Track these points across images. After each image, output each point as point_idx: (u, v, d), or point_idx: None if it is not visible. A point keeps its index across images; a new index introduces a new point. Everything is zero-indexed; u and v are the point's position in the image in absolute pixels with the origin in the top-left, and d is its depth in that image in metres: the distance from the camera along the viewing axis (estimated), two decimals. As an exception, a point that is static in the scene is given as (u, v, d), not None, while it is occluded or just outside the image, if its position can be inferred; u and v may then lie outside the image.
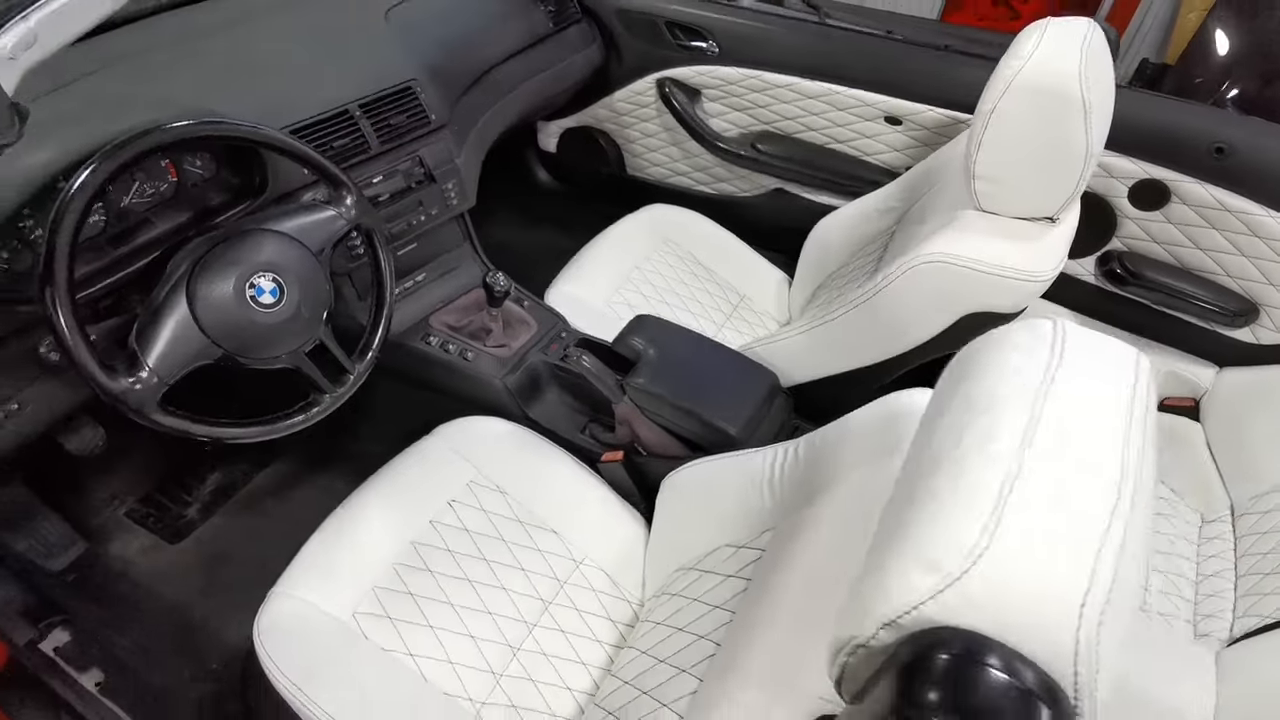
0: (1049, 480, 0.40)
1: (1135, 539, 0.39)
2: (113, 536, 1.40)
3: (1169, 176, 1.27)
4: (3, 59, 0.38)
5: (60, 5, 0.41)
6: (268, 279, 0.88)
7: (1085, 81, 0.87)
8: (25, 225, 0.86)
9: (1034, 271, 0.96)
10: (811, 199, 1.70)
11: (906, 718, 0.36)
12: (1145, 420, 0.44)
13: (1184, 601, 1.19)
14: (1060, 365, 0.46)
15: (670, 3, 1.63)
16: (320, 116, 1.13)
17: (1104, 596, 0.36)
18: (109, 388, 0.79)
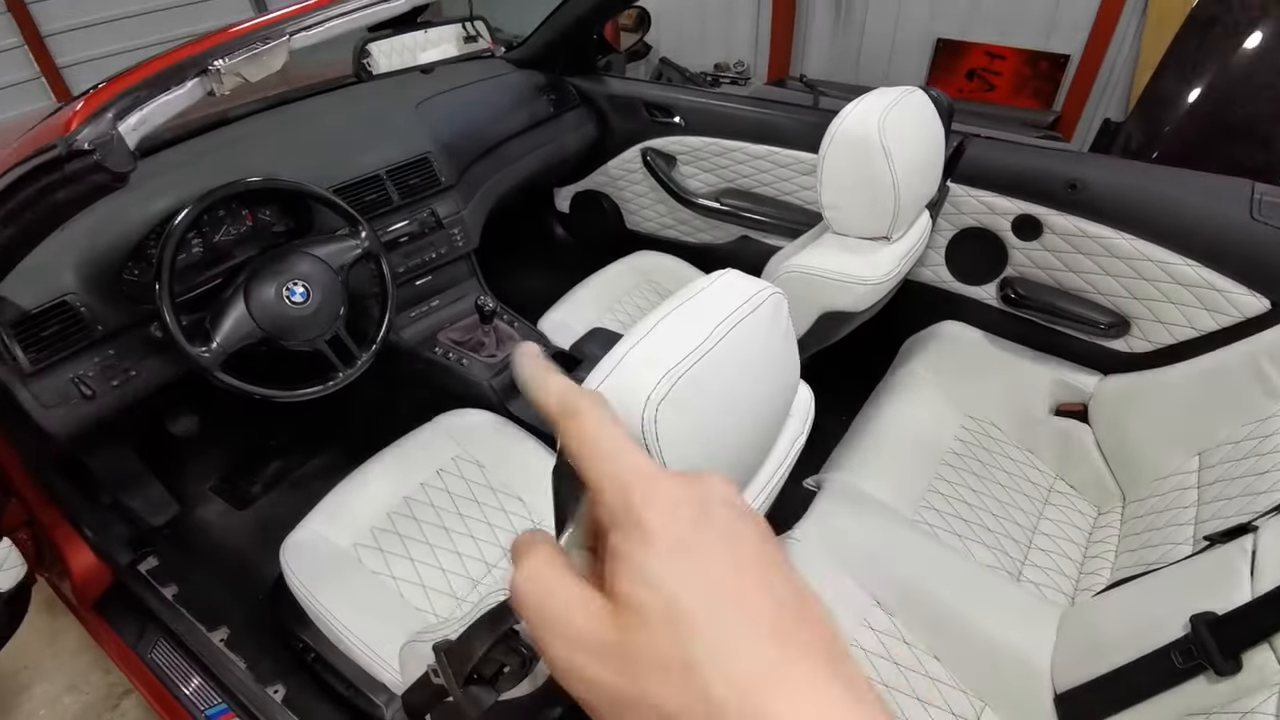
0: (654, 346, 0.68)
1: (708, 373, 0.67)
2: (198, 503, 1.80)
3: (1039, 211, 1.50)
4: (128, 130, 0.76)
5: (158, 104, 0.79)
6: (300, 285, 1.27)
7: (884, 132, 1.15)
8: (150, 251, 1.29)
9: (865, 277, 1.22)
10: (770, 242, 1.99)
11: (562, 459, 0.65)
12: (742, 320, 0.71)
13: (1064, 578, 1.35)
14: (702, 292, 0.74)
15: (647, 88, 2.02)
16: (358, 179, 1.55)
17: (659, 397, 0.64)
18: (190, 353, 1.18)
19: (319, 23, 0.95)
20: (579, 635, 0.26)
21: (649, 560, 0.25)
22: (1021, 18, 3.10)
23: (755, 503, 0.83)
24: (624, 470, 0.27)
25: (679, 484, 0.27)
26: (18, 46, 3.15)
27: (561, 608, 0.26)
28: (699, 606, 0.24)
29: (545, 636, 0.26)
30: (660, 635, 0.24)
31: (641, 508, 0.26)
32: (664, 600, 0.24)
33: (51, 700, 1.67)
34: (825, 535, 1.28)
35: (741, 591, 0.24)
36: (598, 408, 0.29)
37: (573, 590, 0.27)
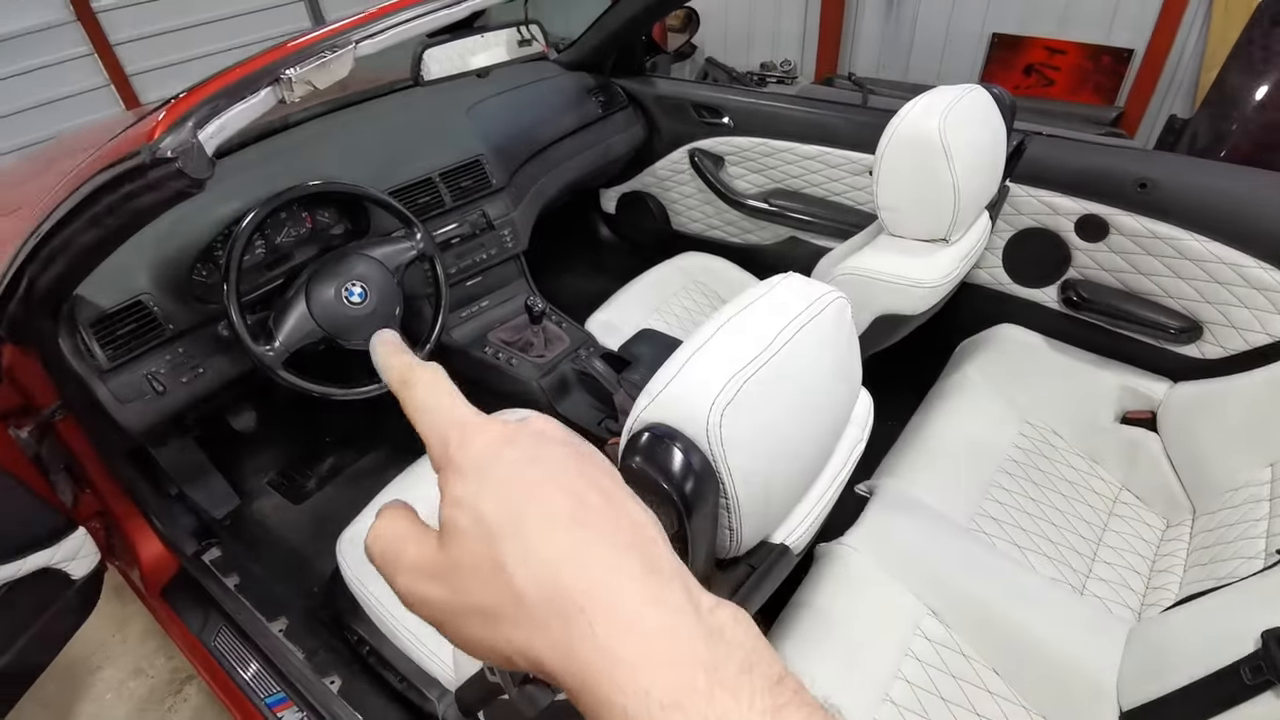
0: (719, 350, 0.68)
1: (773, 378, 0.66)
2: (257, 497, 1.86)
3: (1105, 211, 1.45)
4: (207, 138, 0.79)
5: (235, 112, 0.82)
6: (358, 286, 1.30)
7: (944, 132, 1.13)
8: (216, 253, 1.34)
9: (923, 280, 1.20)
10: (819, 243, 1.96)
11: (628, 463, 0.65)
12: (807, 324, 0.70)
13: (1130, 592, 1.30)
14: (764, 296, 0.74)
15: (695, 89, 2.02)
16: (412, 182, 1.58)
17: (724, 402, 0.64)
18: (255, 351, 1.22)
19: (382, 30, 0.97)
20: (412, 563, 0.29)
21: (460, 486, 0.28)
22: (1083, 11, 3.00)
23: (815, 508, 0.82)
24: (445, 421, 0.30)
25: (493, 427, 0.30)
26: (88, 55, 3.29)
27: (397, 545, 0.30)
28: (503, 514, 0.27)
29: (389, 573, 0.30)
30: (473, 545, 0.27)
31: (456, 448, 0.29)
32: (473, 515, 0.27)
33: (118, 684, 1.74)
34: (878, 542, 1.25)
35: (540, 497, 0.27)
36: (431, 375, 0.32)
37: (408, 530, 0.30)
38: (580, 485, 0.28)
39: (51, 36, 3.16)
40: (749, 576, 0.73)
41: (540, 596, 0.25)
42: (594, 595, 0.25)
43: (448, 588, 0.27)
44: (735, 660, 0.24)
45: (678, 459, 0.62)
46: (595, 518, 0.27)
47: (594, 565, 0.25)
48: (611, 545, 0.26)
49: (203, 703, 1.68)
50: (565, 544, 0.26)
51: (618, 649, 0.24)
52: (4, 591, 1.15)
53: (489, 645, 0.27)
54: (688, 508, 0.61)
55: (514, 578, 0.25)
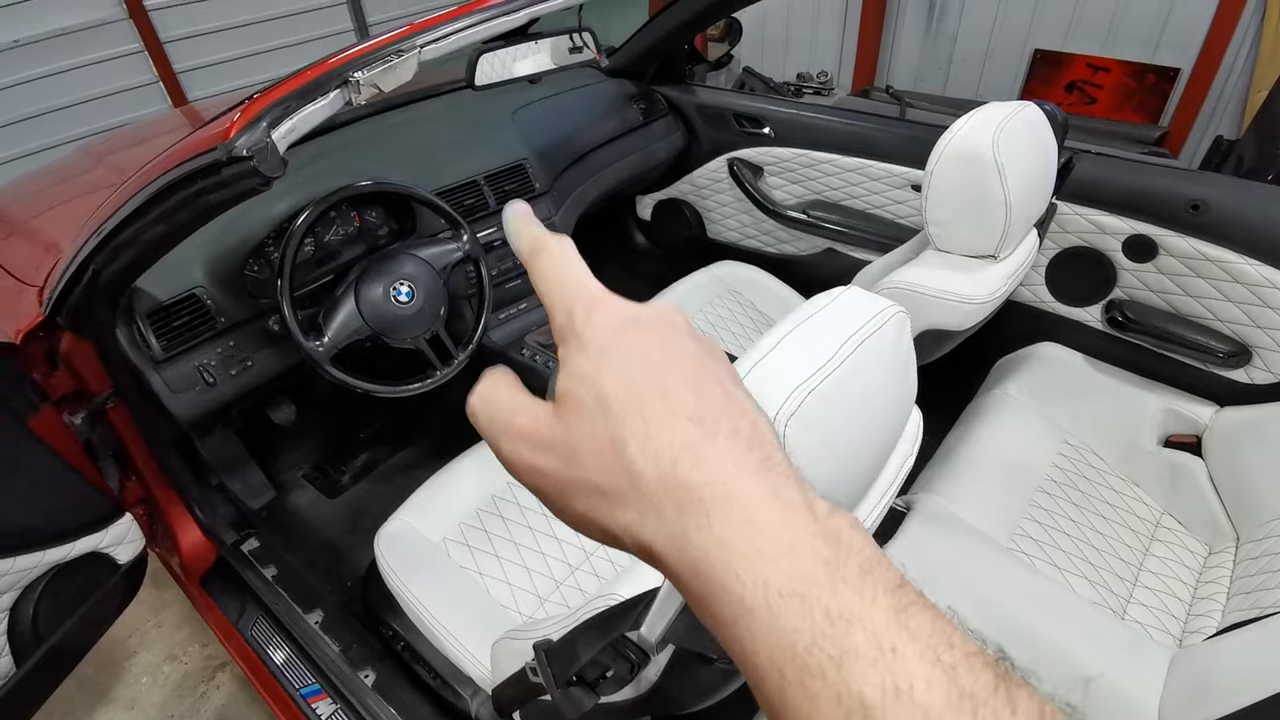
0: (782, 361, 0.68)
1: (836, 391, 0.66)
2: (292, 489, 1.88)
3: (1154, 231, 1.43)
4: (279, 138, 0.81)
5: (305, 113, 0.84)
6: (405, 285, 1.32)
7: (998, 148, 1.12)
8: (269, 249, 1.36)
9: (970, 296, 1.19)
10: (857, 256, 1.96)
11: None
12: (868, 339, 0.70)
13: (1171, 618, 1.29)
14: (825, 309, 0.74)
15: (737, 99, 2.02)
16: (458, 183, 1.60)
17: (789, 413, 0.64)
18: (304, 346, 1.24)
19: (445, 36, 0.99)
20: (523, 432, 0.29)
21: (582, 361, 0.28)
22: (1128, 29, 2.96)
23: (865, 523, 0.82)
24: (573, 294, 0.30)
25: (621, 305, 0.29)
26: (139, 51, 3.37)
27: (508, 412, 0.30)
28: (625, 394, 0.26)
29: (496, 438, 0.30)
30: (591, 421, 0.27)
31: (582, 322, 0.29)
32: (593, 391, 0.27)
33: (153, 668, 1.77)
34: (915, 558, 1.25)
35: (665, 384, 0.27)
36: (560, 246, 0.32)
37: (519, 398, 0.30)
38: (704, 378, 0.28)
39: (104, 33, 3.25)
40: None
41: (657, 481, 0.25)
42: (712, 486, 0.25)
43: (560, 460, 0.27)
44: (854, 560, 0.24)
45: (740, 468, 0.62)
46: (716, 412, 0.26)
47: (713, 458, 0.25)
48: (730, 440, 0.26)
49: (235, 690, 1.71)
50: (686, 433, 0.26)
51: (734, 539, 0.24)
52: (54, 574, 1.18)
53: (594, 521, 0.27)
54: (750, 517, 0.61)
55: (633, 459, 0.26)
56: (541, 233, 0.32)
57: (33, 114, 3.18)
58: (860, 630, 0.22)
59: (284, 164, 0.80)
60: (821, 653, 0.22)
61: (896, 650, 0.22)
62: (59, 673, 1.27)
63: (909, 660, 0.22)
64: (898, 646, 0.22)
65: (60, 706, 1.69)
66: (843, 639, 0.22)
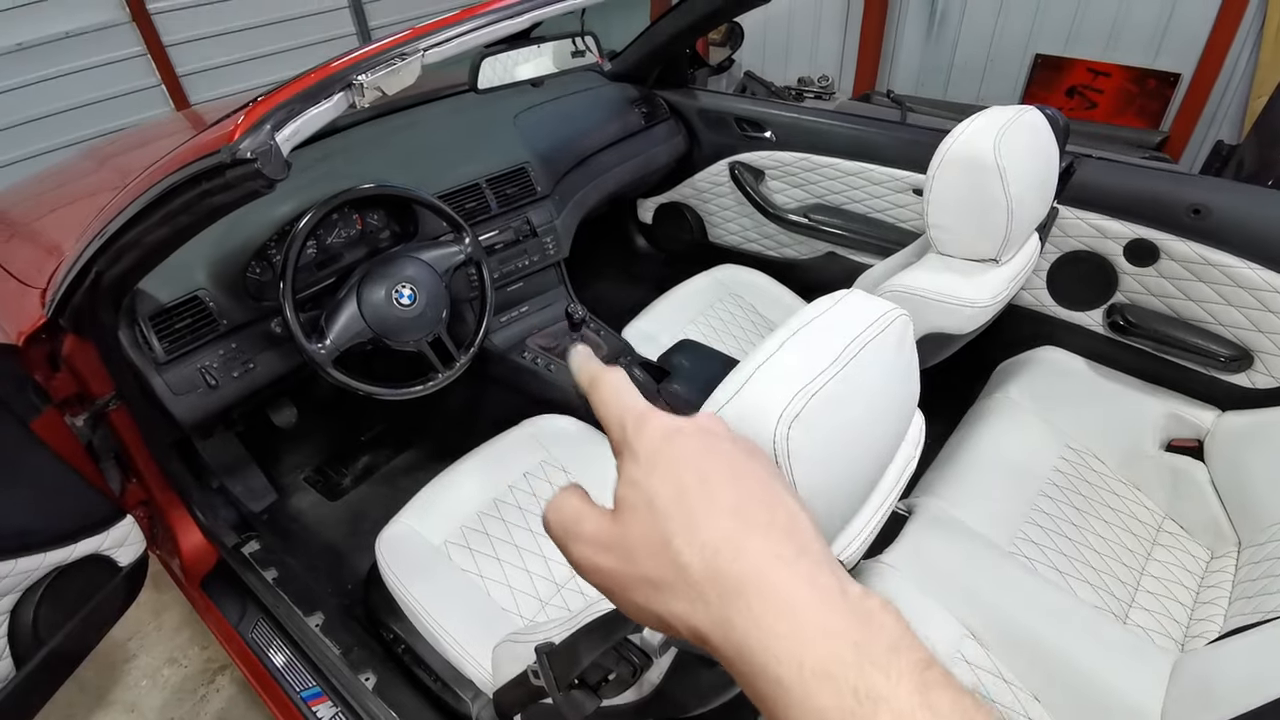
0: (785, 364, 0.68)
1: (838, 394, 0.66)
2: (293, 492, 1.88)
3: (1156, 236, 1.43)
4: (283, 140, 0.81)
5: (309, 116, 0.84)
6: (407, 288, 1.32)
7: (999, 152, 1.12)
8: (271, 252, 1.37)
9: (972, 299, 1.19)
10: (858, 260, 1.96)
11: None
12: (870, 341, 0.70)
13: (1173, 623, 1.28)
14: (827, 312, 0.74)
15: (739, 103, 2.03)
16: (459, 187, 1.60)
17: (791, 415, 0.64)
18: (306, 349, 1.24)
19: (448, 40, 0.99)
20: (588, 536, 0.32)
21: (634, 469, 0.32)
22: (1129, 34, 2.97)
23: (867, 526, 0.82)
24: (624, 413, 0.34)
25: (666, 418, 0.33)
26: (141, 55, 3.38)
27: (576, 519, 0.33)
28: (671, 496, 0.30)
29: (566, 543, 0.33)
30: (644, 522, 0.30)
31: (634, 435, 0.33)
32: (645, 495, 0.31)
33: (153, 671, 1.77)
34: (917, 562, 1.24)
35: (708, 485, 0.30)
36: (614, 376, 0.36)
37: (586, 507, 0.34)
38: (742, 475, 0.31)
39: (107, 36, 3.25)
40: (803, 591, 0.73)
41: (703, 572, 0.28)
42: (751, 577, 0.27)
43: (619, 558, 0.31)
44: (883, 641, 0.26)
45: (743, 471, 0.62)
46: (754, 506, 0.30)
47: (752, 550, 0.28)
48: (767, 532, 0.29)
49: (234, 694, 1.71)
50: (727, 528, 0.29)
51: (773, 624, 0.26)
52: (55, 575, 1.18)
53: (652, 611, 0.30)
54: (753, 520, 0.61)
55: (680, 554, 0.28)
56: (600, 368, 0.37)
57: (35, 117, 3.19)
58: (886, 710, 0.24)
59: (288, 167, 0.80)
60: None
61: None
62: (59, 675, 1.27)
63: None
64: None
65: (60, 709, 1.69)
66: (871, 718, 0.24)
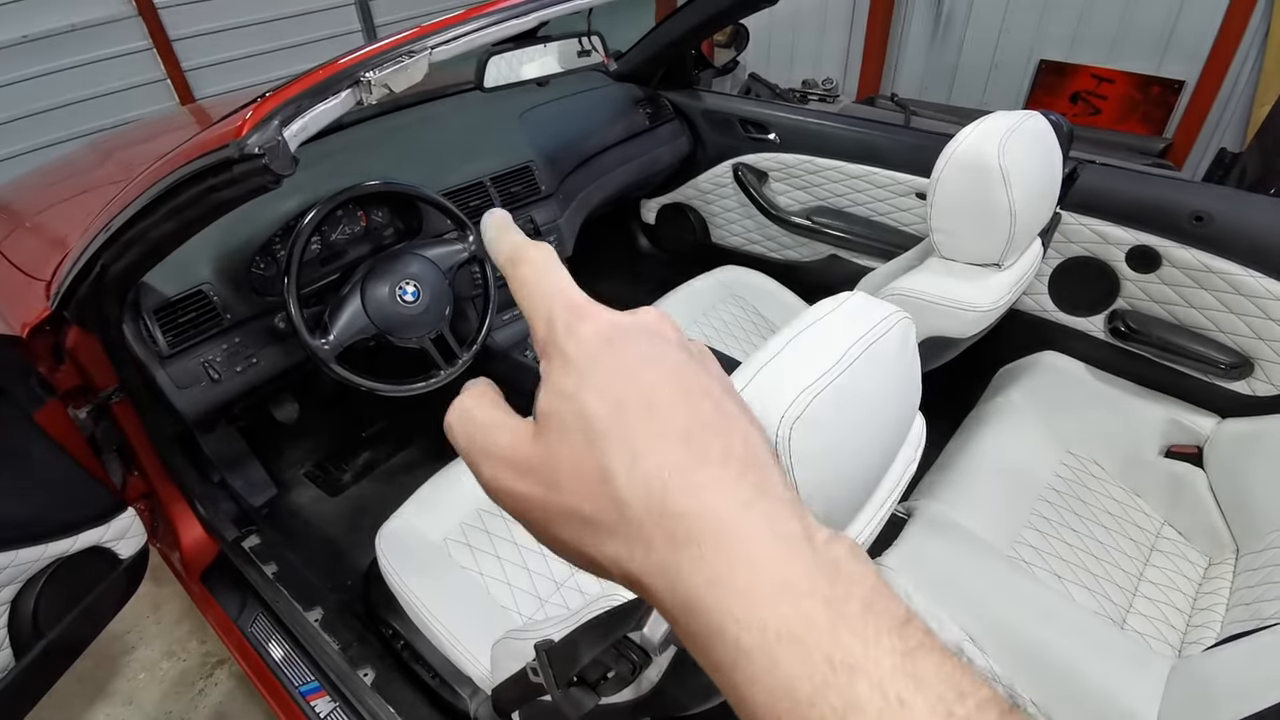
0: (788, 365, 0.69)
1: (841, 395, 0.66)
2: (293, 487, 1.89)
3: (1158, 242, 1.44)
4: (291, 136, 0.81)
5: (317, 112, 0.85)
6: (411, 285, 1.33)
7: (1003, 157, 1.13)
8: (275, 247, 1.37)
9: (974, 304, 1.19)
10: (860, 263, 1.97)
11: None
12: (873, 344, 0.71)
13: (1171, 629, 1.29)
14: (830, 314, 0.74)
15: (743, 104, 2.03)
16: (464, 185, 1.61)
17: (794, 416, 0.64)
18: (310, 344, 1.24)
19: (455, 38, 0.99)
20: (503, 453, 0.27)
21: (564, 378, 0.26)
22: (1134, 41, 2.97)
23: (866, 528, 0.82)
24: (554, 303, 0.28)
25: (605, 314, 0.28)
26: (147, 49, 3.39)
27: (487, 431, 0.28)
28: (610, 413, 0.24)
29: (475, 458, 0.28)
30: (574, 444, 0.25)
31: (564, 334, 0.27)
32: (576, 412, 0.25)
33: (151, 664, 1.77)
34: (916, 564, 1.25)
35: (652, 400, 0.25)
36: (542, 254, 0.30)
37: (499, 416, 0.28)
38: (694, 392, 0.26)
39: (113, 30, 3.26)
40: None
41: (646, 511, 0.23)
42: (705, 518, 0.23)
43: (542, 485, 0.26)
44: (856, 596, 0.22)
45: (745, 470, 0.63)
46: (708, 432, 0.25)
47: (706, 485, 0.23)
48: (724, 464, 0.24)
49: (233, 687, 1.71)
50: (676, 458, 0.24)
51: (730, 578, 0.22)
52: (56, 567, 1.18)
53: (581, 551, 0.26)
54: (754, 519, 0.62)
55: (619, 486, 0.24)
56: (522, 240, 0.31)
57: (40, 110, 3.19)
58: (865, 680, 0.21)
59: (295, 162, 0.80)
60: (825, 704, 0.21)
61: (904, 702, 0.20)
62: (58, 667, 1.27)
63: (918, 713, 0.20)
64: (905, 698, 0.21)
65: (58, 701, 1.69)
66: (847, 690, 0.21)
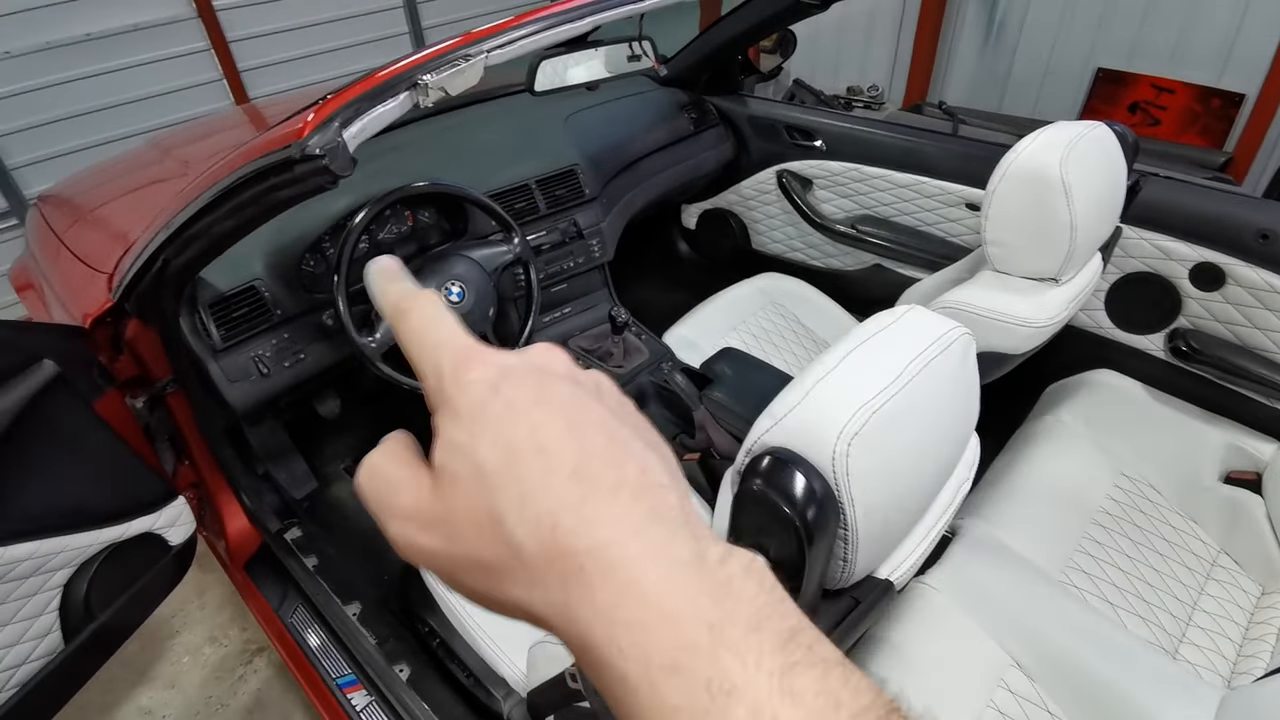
0: (845, 379, 0.67)
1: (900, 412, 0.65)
2: (334, 482, 1.91)
3: (1223, 260, 1.38)
4: (350, 138, 0.82)
5: (375, 115, 0.86)
6: (457, 285, 1.34)
7: (1065, 169, 1.09)
8: (325, 245, 1.39)
9: (1029, 319, 1.16)
10: (905, 273, 1.93)
11: (748, 485, 0.65)
12: (933, 360, 0.69)
13: (1222, 659, 1.24)
14: (889, 327, 0.73)
15: (789, 111, 2.01)
16: (509, 187, 1.62)
17: (852, 432, 0.63)
18: (358, 342, 1.26)
19: (510, 42, 1.00)
20: (407, 510, 0.27)
21: (456, 429, 0.26)
22: (1194, 51, 2.87)
23: (919, 548, 0.81)
24: (443, 356, 0.28)
25: (491, 359, 0.27)
26: (205, 50, 3.49)
27: (391, 489, 0.28)
28: (500, 461, 0.25)
29: (381, 518, 0.28)
30: (470, 494, 0.25)
31: (452, 383, 0.27)
32: (469, 462, 0.25)
33: (194, 649, 1.81)
34: (961, 586, 1.22)
35: (541, 442, 0.25)
36: (428, 304, 0.30)
37: (403, 473, 0.28)
38: (585, 426, 0.26)
39: (173, 31, 3.36)
40: (852, 609, 0.72)
41: (539, 552, 0.23)
42: (594, 553, 0.23)
43: (444, 538, 0.26)
44: (743, 616, 0.22)
45: (801, 485, 0.62)
46: (598, 465, 0.24)
47: (595, 520, 0.23)
48: (614, 496, 0.24)
49: (271, 675, 1.74)
50: (565, 494, 0.24)
51: (617, 610, 0.22)
52: (109, 552, 1.21)
53: (490, 597, 0.26)
54: (809, 535, 0.61)
55: (512, 531, 0.24)
56: (409, 290, 0.31)
57: (100, 107, 3.30)
58: (741, 704, 0.20)
59: (353, 163, 0.81)
60: None
61: None
62: (106, 650, 1.30)
63: None
64: (780, 715, 0.20)
65: (103, 683, 1.74)
66: (723, 715, 0.20)
